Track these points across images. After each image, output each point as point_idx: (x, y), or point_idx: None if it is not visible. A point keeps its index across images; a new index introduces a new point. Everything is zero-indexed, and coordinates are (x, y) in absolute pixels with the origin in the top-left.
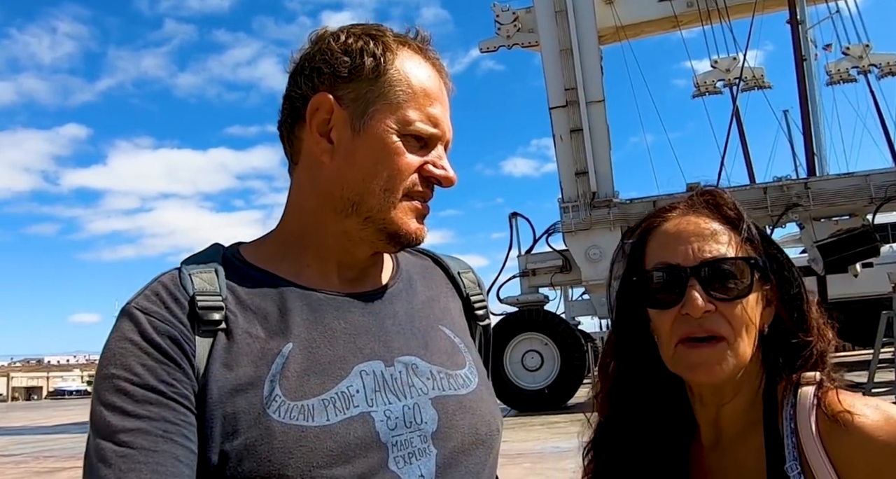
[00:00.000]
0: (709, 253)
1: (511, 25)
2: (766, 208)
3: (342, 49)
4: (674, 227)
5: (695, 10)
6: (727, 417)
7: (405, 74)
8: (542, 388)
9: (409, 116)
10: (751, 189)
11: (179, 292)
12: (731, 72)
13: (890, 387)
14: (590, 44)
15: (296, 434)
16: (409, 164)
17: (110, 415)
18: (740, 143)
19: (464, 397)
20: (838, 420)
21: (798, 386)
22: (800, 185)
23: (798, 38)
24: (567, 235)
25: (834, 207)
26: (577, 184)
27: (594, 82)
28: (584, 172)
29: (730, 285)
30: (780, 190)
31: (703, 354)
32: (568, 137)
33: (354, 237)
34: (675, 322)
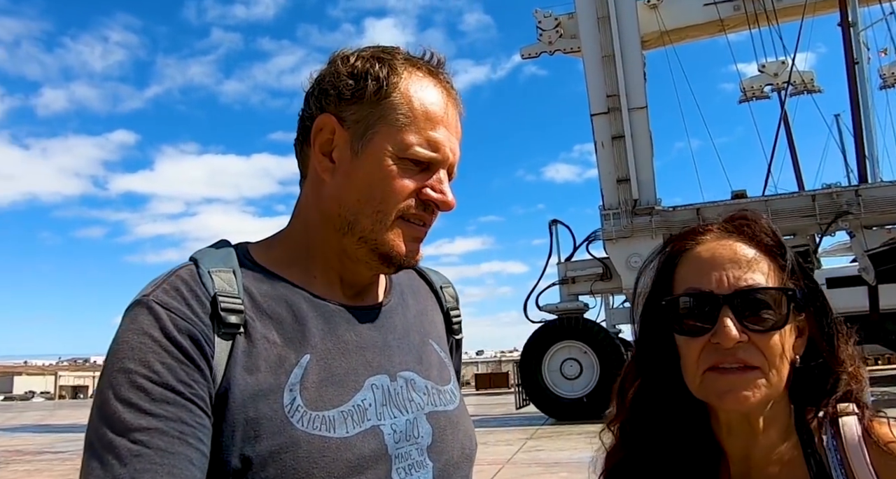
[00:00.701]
0: (744, 282)
1: (553, 31)
2: (815, 216)
3: (348, 71)
4: (707, 251)
5: (741, 13)
6: (759, 449)
7: (408, 98)
8: (581, 396)
9: (407, 139)
10: (799, 196)
11: (200, 290)
12: (779, 76)
13: None
14: (633, 50)
15: (320, 445)
16: (404, 187)
17: (126, 411)
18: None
19: (451, 413)
20: (893, 451)
21: (837, 417)
22: (850, 192)
23: (849, 41)
24: (608, 242)
25: (886, 214)
26: (618, 191)
27: (637, 89)
28: (626, 179)
29: (765, 315)
30: (829, 197)
31: (733, 380)
32: (609, 143)
33: (352, 256)
34: (703, 351)
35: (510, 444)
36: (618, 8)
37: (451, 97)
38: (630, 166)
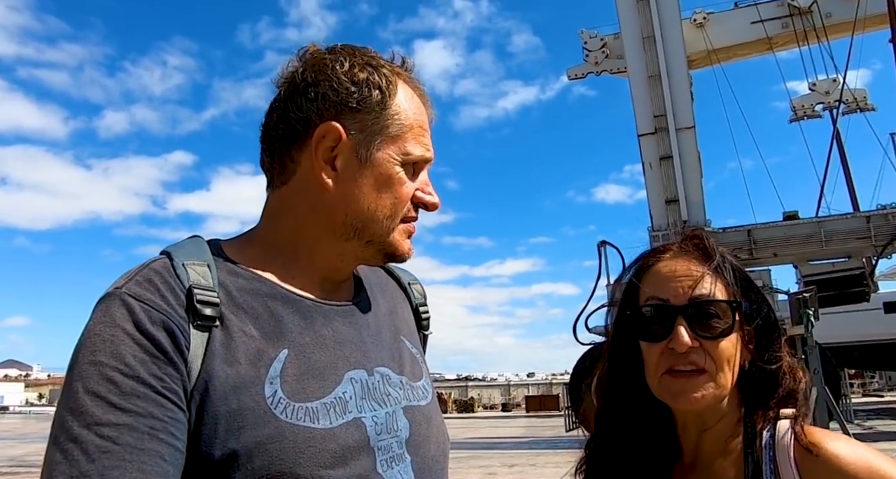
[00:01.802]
0: (696, 294)
1: (599, 52)
2: (870, 238)
3: (349, 78)
4: (666, 267)
5: (790, 30)
6: (708, 443)
7: (403, 107)
8: None
9: (407, 146)
10: (853, 218)
11: (175, 282)
12: (830, 94)
13: None
14: (679, 69)
15: (305, 435)
16: (408, 193)
17: (95, 405)
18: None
19: (425, 408)
20: (812, 451)
21: (776, 419)
22: None
23: None
24: None
25: None
26: (667, 212)
27: (684, 108)
28: (675, 199)
29: (714, 324)
30: (885, 219)
31: (684, 383)
32: (657, 164)
33: (349, 257)
34: (662, 355)
35: (559, 466)
36: (663, 27)
37: (426, 102)
38: (679, 187)
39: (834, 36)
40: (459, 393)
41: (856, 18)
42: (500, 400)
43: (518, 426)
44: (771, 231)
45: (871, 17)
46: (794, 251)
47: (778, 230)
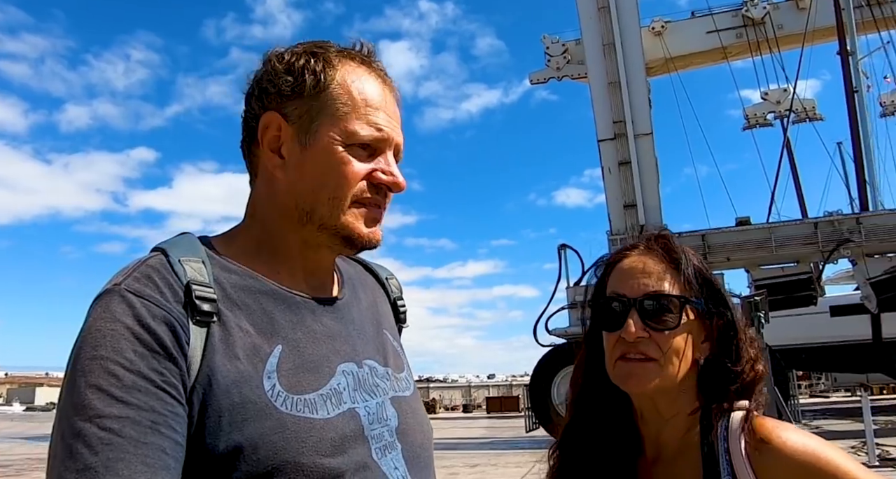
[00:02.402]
0: (650, 289)
1: (561, 57)
2: (818, 244)
3: (285, 68)
4: (628, 264)
5: (744, 41)
6: (666, 435)
7: (347, 87)
8: None
9: (351, 126)
10: (801, 224)
11: (172, 278)
12: (781, 104)
13: None
14: (638, 77)
15: (305, 425)
16: (356, 172)
17: (97, 398)
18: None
19: (409, 398)
20: (762, 442)
21: (730, 412)
22: (851, 220)
23: (848, 70)
24: None
25: (887, 243)
26: (625, 216)
27: (642, 115)
28: (633, 204)
29: (664, 318)
30: (831, 225)
31: (632, 368)
32: (616, 169)
33: (313, 244)
34: (616, 343)
35: (519, 466)
36: (623, 35)
37: (385, 83)
38: (636, 192)
39: (785, 47)
40: (421, 394)
41: (806, 31)
42: (462, 401)
43: (479, 427)
44: (724, 236)
45: (821, 29)
46: (746, 256)
47: (731, 236)
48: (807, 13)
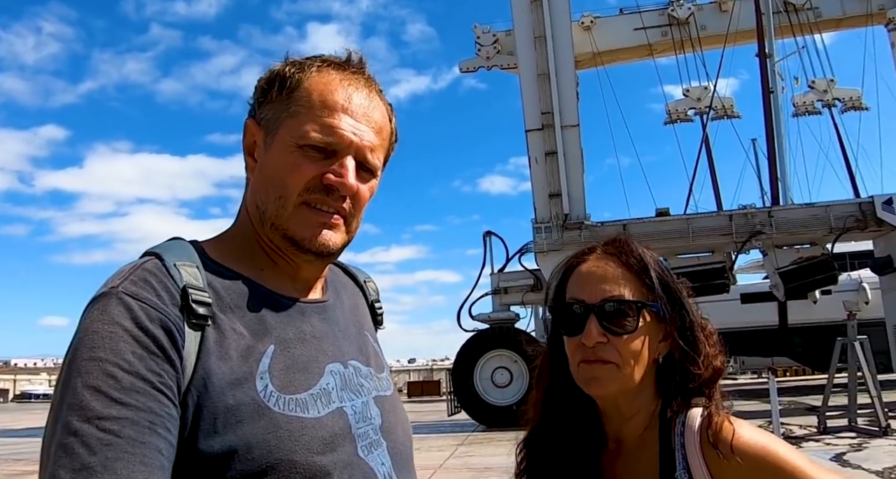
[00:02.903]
0: (608, 294)
1: (491, 47)
2: (732, 235)
3: (266, 77)
4: (588, 268)
5: (669, 39)
6: (627, 432)
7: (309, 91)
8: (511, 404)
9: (304, 127)
10: (717, 216)
11: (169, 282)
12: (702, 101)
13: (843, 411)
14: (567, 70)
15: (298, 424)
16: (302, 173)
17: (95, 399)
18: (709, 170)
19: (390, 397)
20: (716, 438)
21: (688, 409)
22: (764, 213)
23: (766, 71)
24: (539, 255)
25: (795, 235)
26: (550, 205)
27: (570, 107)
28: (558, 194)
29: (622, 322)
30: (745, 218)
31: (594, 371)
32: (543, 159)
33: (274, 246)
34: (577, 347)
35: (442, 450)
36: (554, 28)
37: (357, 87)
38: (562, 182)
39: (708, 47)
40: None
41: (728, 32)
42: None
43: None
44: (644, 226)
45: (742, 31)
46: (665, 245)
47: (651, 225)
48: (729, 16)
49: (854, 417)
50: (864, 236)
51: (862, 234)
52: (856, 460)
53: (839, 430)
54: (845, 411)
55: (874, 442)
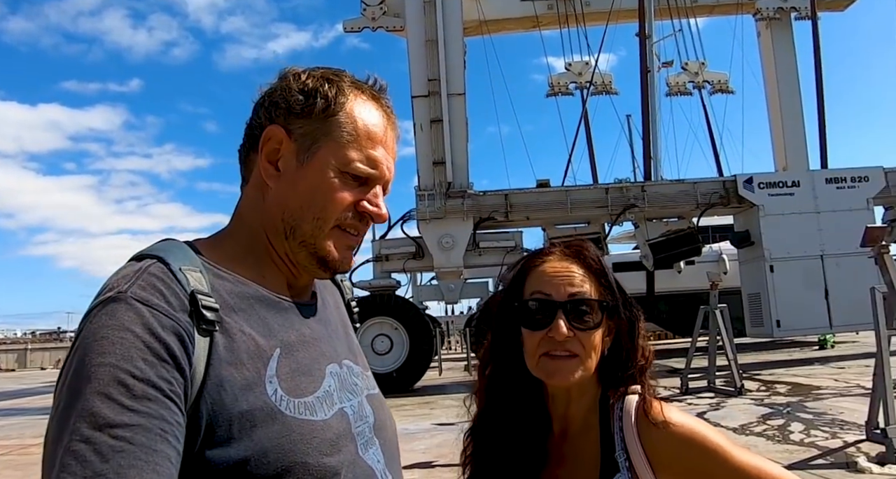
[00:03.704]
0: (574, 292)
1: (377, 7)
2: (607, 207)
3: (299, 88)
4: (551, 268)
5: (554, 13)
6: (572, 415)
7: (353, 117)
8: (391, 371)
9: (349, 155)
10: (594, 189)
11: (177, 288)
12: (582, 75)
13: (703, 373)
14: (455, 37)
15: (309, 428)
16: (343, 199)
17: (107, 406)
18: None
19: (378, 394)
20: (651, 421)
21: (625, 395)
22: (637, 187)
23: (644, 51)
24: (421, 222)
25: (665, 209)
26: (433, 173)
27: (457, 75)
28: (442, 162)
29: (587, 318)
30: (619, 191)
31: (559, 364)
32: (428, 126)
33: (293, 258)
34: (542, 341)
35: None
36: None
37: (390, 121)
38: (446, 150)
39: (591, 23)
40: None
41: (611, 10)
42: None
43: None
44: (525, 197)
45: (624, 10)
46: (544, 215)
47: (532, 196)
48: None
49: (713, 379)
50: (726, 212)
51: (724, 209)
52: (715, 418)
53: (699, 391)
54: (705, 373)
55: (730, 401)
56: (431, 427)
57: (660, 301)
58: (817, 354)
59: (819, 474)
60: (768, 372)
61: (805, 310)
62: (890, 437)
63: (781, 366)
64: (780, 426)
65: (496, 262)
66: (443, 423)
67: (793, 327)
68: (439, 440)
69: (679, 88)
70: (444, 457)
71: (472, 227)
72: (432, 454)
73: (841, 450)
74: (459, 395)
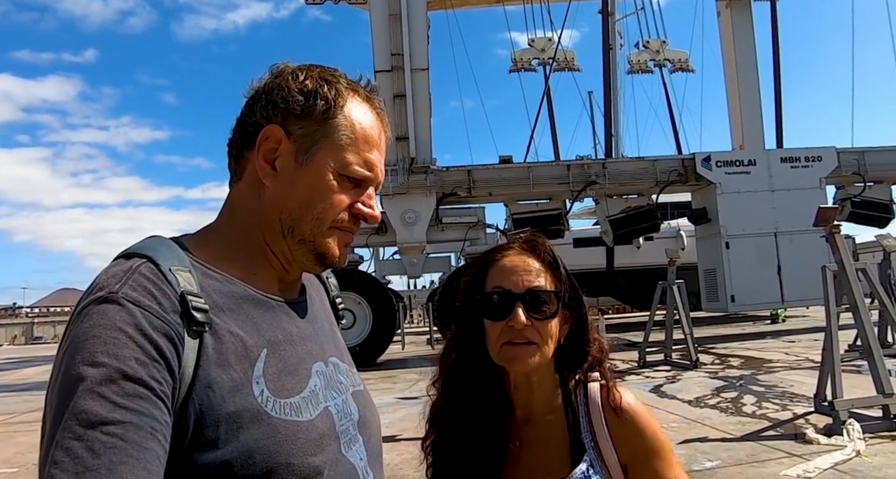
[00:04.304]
0: (532, 285)
1: None
2: (569, 184)
3: (298, 88)
4: (510, 262)
5: None
6: (535, 401)
7: (351, 121)
8: (354, 346)
9: (348, 158)
10: (556, 166)
11: (168, 289)
12: (545, 52)
13: (660, 346)
14: (419, 12)
15: (294, 428)
16: (341, 201)
17: (99, 405)
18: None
19: (364, 391)
20: (615, 407)
21: (586, 382)
22: (598, 164)
23: (607, 29)
24: (385, 197)
25: (625, 186)
26: (397, 149)
27: (420, 50)
28: (405, 137)
29: (543, 308)
30: (581, 168)
31: (519, 351)
32: (391, 101)
33: (288, 256)
34: (502, 331)
35: None
36: None
37: (383, 123)
38: (409, 125)
39: None
40: None
41: None
42: None
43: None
44: (488, 172)
45: None
46: (507, 191)
47: (494, 172)
48: None
49: (669, 352)
50: (684, 189)
51: (683, 187)
52: (671, 391)
53: (657, 364)
54: (662, 346)
55: (686, 374)
56: (395, 401)
57: (619, 276)
58: (769, 328)
59: (769, 445)
60: (722, 346)
61: (759, 285)
62: (837, 409)
63: (735, 340)
64: (733, 399)
65: (459, 237)
66: (406, 397)
67: (747, 301)
68: (402, 413)
69: (640, 66)
70: (407, 431)
71: (434, 202)
72: (395, 428)
73: (790, 422)
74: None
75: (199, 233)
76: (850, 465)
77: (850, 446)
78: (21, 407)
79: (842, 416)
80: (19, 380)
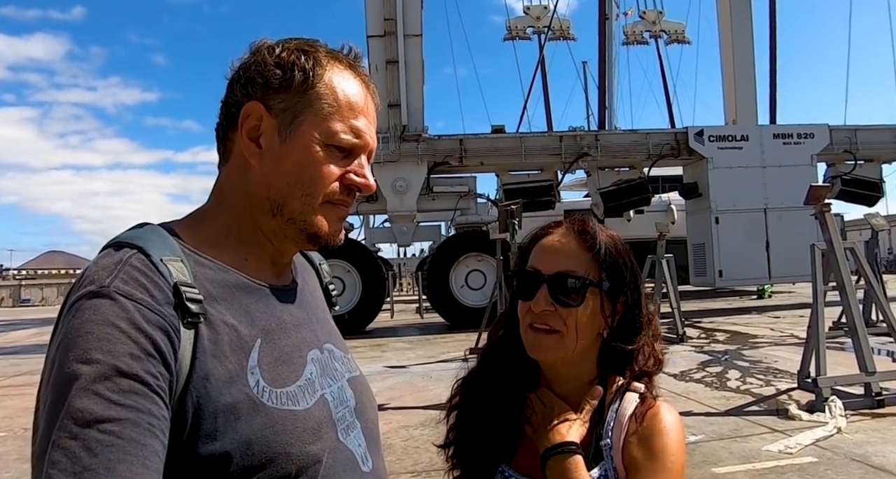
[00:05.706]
0: (561, 267)
1: None
2: (561, 155)
3: (275, 62)
4: (549, 242)
5: None
6: (565, 392)
7: (332, 89)
8: (343, 314)
9: (333, 127)
10: (549, 137)
11: (160, 280)
12: (540, 20)
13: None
14: None
15: (291, 418)
16: (331, 172)
17: (94, 402)
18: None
19: (360, 377)
20: (641, 417)
21: (626, 390)
22: (591, 136)
23: None
24: (375, 165)
25: (617, 159)
26: (389, 116)
27: (413, 15)
28: (397, 104)
29: (569, 294)
30: (573, 140)
31: (539, 338)
32: (384, 67)
33: (280, 235)
34: (528, 312)
35: None
36: None
37: (369, 89)
38: (401, 92)
39: None
40: None
41: None
42: None
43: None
44: (480, 142)
45: None
46: (498, 161)
47: (486, 142)
48: None
49: None
50: (676, 163)
51: (675, 161)
52: None
53: None
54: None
55: (672, 348)
56: (383, 370)
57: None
58: (755, 303)
59: (753, 420)
60: (709, 320)
61: (746, 261)
62: (820, 386)
63: (721, 314)
64: (718, 374)
65: (449, 206)
66: (394, 366)
67: (734, 277)
68: (391, 382)
69: (636, 37)
70: (395, 400)
71: (426, 171)
72: (384, 396)
73: (774, 398)
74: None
75: (189, 217)
76: (832, 441)
77: (832, 422)
78: (8, 371)
79: (824, 393)
80: (7, 343)
